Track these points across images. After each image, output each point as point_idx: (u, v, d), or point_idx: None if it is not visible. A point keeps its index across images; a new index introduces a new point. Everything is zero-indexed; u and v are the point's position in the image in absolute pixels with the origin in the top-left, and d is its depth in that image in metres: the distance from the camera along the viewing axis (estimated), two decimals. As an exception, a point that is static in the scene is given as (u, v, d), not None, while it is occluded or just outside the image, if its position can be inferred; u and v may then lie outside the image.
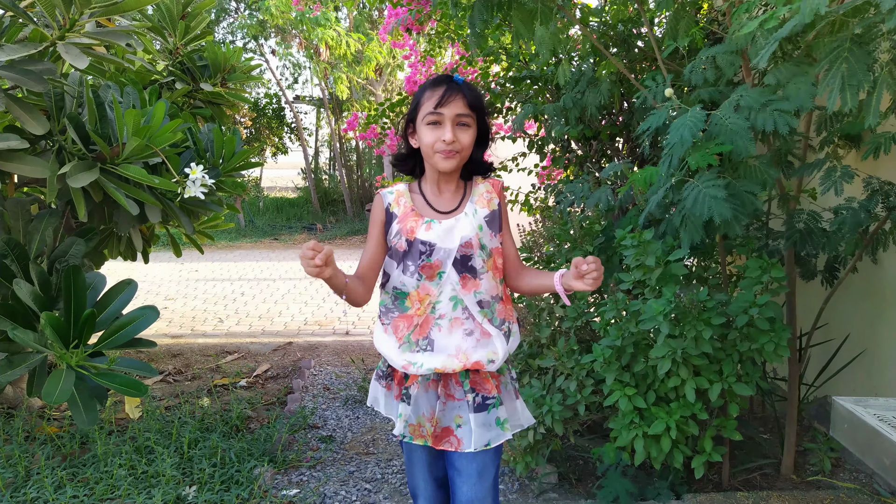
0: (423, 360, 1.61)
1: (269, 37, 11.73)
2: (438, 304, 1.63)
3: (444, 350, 1.62)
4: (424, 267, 1.61)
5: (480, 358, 1.62)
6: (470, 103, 1.59)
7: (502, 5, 2.29)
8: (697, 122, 1.77)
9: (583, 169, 3.55)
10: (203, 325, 5.54)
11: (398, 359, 1.65)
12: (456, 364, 1.61)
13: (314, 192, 12.98)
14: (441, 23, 4.30)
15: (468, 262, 1.63)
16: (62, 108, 2.39)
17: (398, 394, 1.70)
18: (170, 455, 2.78)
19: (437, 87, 1.58)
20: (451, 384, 1.67)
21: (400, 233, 1.64)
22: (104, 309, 2.38)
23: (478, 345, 1.63)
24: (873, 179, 2.11)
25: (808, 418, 3.08)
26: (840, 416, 1.54)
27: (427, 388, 1.67)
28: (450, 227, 1.63)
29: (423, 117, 1.60)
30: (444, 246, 1.62)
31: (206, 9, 3.32)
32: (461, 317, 1.63)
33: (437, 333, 1.63)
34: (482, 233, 1.65)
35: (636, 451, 2.19)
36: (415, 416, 1.66)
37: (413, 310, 1.65)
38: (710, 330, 2.03)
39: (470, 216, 1.65)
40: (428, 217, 1.65)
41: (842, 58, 1.31)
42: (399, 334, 1.66)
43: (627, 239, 2.17)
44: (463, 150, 1.60)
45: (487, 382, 1.66)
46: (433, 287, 1.63)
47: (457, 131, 1.58)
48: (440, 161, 1.60)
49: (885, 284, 2.68)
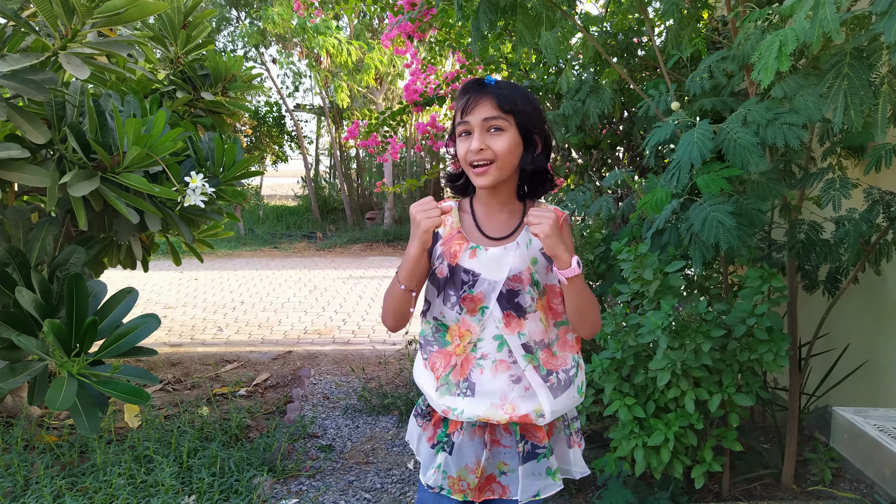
0: (464, 407, 1.44)
1: (270, 45, 11.79)
2: (481, 342, 1.45)
3: (488, 396, 1.43)
4: (466, 299, 1.43)
5: (529, 411, 1.43)
6: (500, 105, 1.37)
7: (506, 9, 2.29)
8: (706, 141, 1.73)
9: (583, 178, 3.56)
10: (202, 333, 5.53)
11: (437, 401, 1.47)
12: (501, 416, 1.42)
13: (314, 200, 13.01)
14: (441, 32, 4.32)
15: (515, 298, 1.43)
16: (63, 118, 2.40)
17: (431, 436, 1.54)
18: (169, 464, 2.77)
19: (462, 95, 1.41)
20: (497, 430, 1.50)
21: (442, 256, 1.45)
22: (105, 317, 2.38)
23: (526, 394, 1.44)
24: (874, 190, 2.12)
25: (808, 428, 3.08)
26: (840, 427, 1.54)
27: (473, 434, 1.49)
28: (498, 257, 1.43)
29: (455, 129, 1.44)
30: (489, 277, 1.42)
31: (208, 18, 3.34)
32: (507, 360, 1.44)
33: (479, 376, 1.44)
34: (535, 267, 1.44)
35: (636, 462, 2.18)
36: (456, 467, 1.47)
37: (453, 346, 1.48)
38: (709, 342, 2.03)
39: (523, 247, 1.44)
40: (475, 242, 1.45)
41: (843, 74, 1.30)
42: (437, 372, 1.48)
43: (624, 253, 2.17)
44: (498, 160, 1.38)
45: (539, 431, 1.49)
46: (474, 323, 1.44)
47: (486, 138, 1.38)
48: (475, 177, 1.41)
49: (886, 295, 2.67)
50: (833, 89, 1.31)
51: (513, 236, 1.47)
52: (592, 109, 2.76)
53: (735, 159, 1.73)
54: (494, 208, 1.49)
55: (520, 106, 1.40)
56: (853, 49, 1.31)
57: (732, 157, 1.74)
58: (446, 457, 1.48)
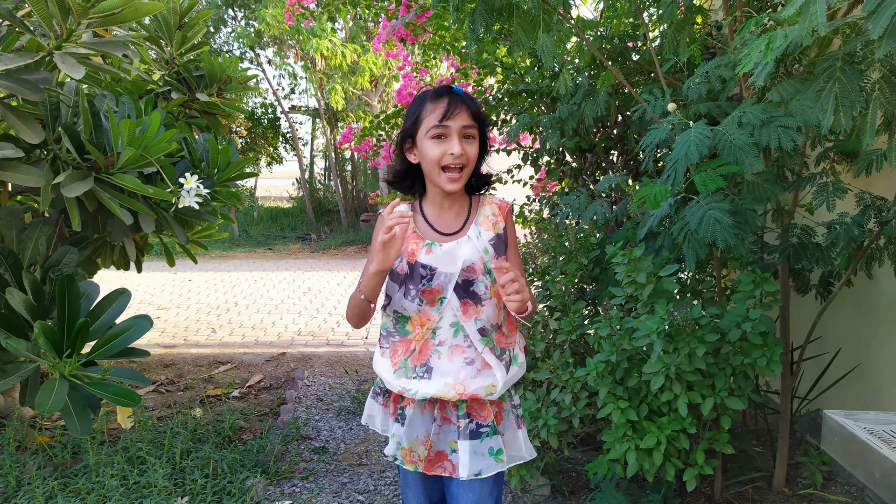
0: (419, 387, 1.55)
1: (266, 46, 11.78)
2: (439, 329, 1.56)
3: (442, 377, 1.54)
4: (425, 292, 1.54)
5: (478, 390, 1.54)
6: (474, 114, 1.52)
7: (503, 11, 2.29)
8: (703, 139, 1.75)
9: (577, 181, 3.57)
10: (196, 335, 5.52)
11: (394, 383, 1.58)
12: (452, 394, 1.53)
13: (309, 201, 12.99)
14: (435, 35, 4.32)
15: (470, 287, 1.55)
16: (57, 118, 2.39)
17: (393, 411, 1.64)
18: (162, 466, 2.77)
19: (440, 100, 1.50)
20: (447, 407, 1.59)
21: (401, 255, 1.56)
22: (98, 318, 2.37)
23: (478, 375, 1.55)
24: (866, 195, 2.13)
25: (800, 431, 3.09)
26: (831, 430, 1.55)
27: (423, 409, 1.59)
28: (451, 251, 1.55)
29: (426, 131, 1.51)
30: (444, 270, 1.54)
31: (203, 19, 3.34)
32: (462, 344, 1.55)
33: (437, 361, 1.55)
34: (487, 257, 1.56)
35: (629, 464, 2.19)
36: (407, 438, 1.58)
37: (413, 334, 1.58)
38: (703, 347, 2.03)
39: (473, 239, 1.57)
40: (429, 239, 1.57)
41: (834, 78, 1.32)
42: (395, 359, 1.59)
43: (618, 256, 2.17)
44: (469, 164, 1.53)
45: (485, 409, 1.58)
46: (433, 312, 1.55)
47: (463, 144, 1.50)
48: (446, 182, 1.51)
49: (878, 299, 2.69)
50: (824, 92, 1.33)
51: (462, 230, 1.60)
52: (588, 113, 2.77)
53: (730, 159, 1.75)
54: (445, 206, 1.61)
55: (483, 116, 1.57)
56: (845, 54, 1.32)
57: (727, 156, 1.76)
58: (399, 428, 1.59)
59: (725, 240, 1.74)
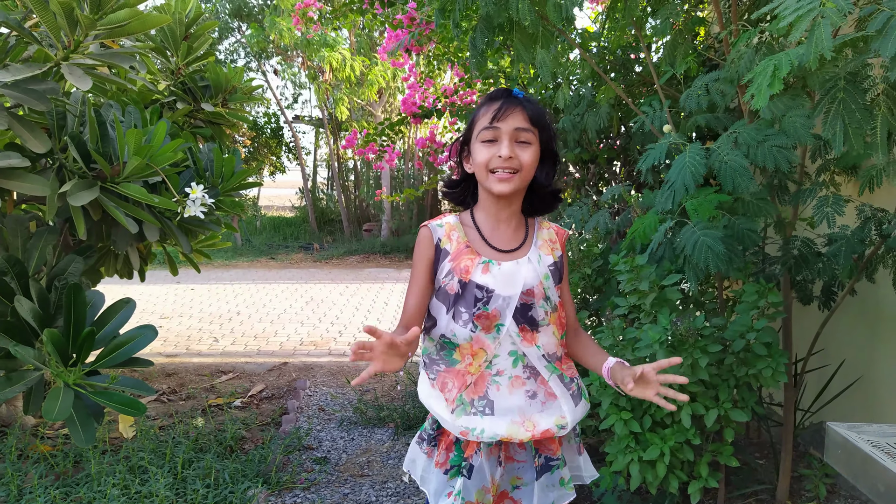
0: (485, 426, 1.39)
1: (272, 56, 11.84)
2: (496, 358, 1.42)
3: (507, 414, 1.40)
4: (480, 316, 1.39)
5: (550, 426, 1.42)
6: (531, 117, 1.39)
7: (503, 27, 2.32)
8: (698, 164, 1.76)
9: (580, 192, 3.58)
10: (198, 344, 5.52)
11: (453, 423, 1.42)
12: (523, 434, 1.40)
13: (311, 211, 13.02)
14: (440, 46, 4.35)
15: (528, 311, 1.41)
16: (63, 127, 2.41)
17: (443, 461, 1.48)
18: (163, 475, 2.76)
19: (494, 101, 1.40)
20: (512, 447, 1.47)
21: (452, 272, 1.41)
22: (103, 327, 2.38)
23: (543, 409, 1.43)
24: (866, 207, 2.14)
25: (803, 444, 3.08)
26: (834, 442, 1.55)
27: (489, 455, 1.45)
28: (511, 272, 1.41)
29: (477, 134, 1.40)
30: (503, 293, 1.39)
31: (209, 30, 3.36)
32: (522, 375, 1.42)
33: (496, 393, 1.41)
34: (547, 283, 1.44)
35: (632, 476, 2.18)
36: (474, 489, 1.43)
37: (464, 365, 1.43)
38: (706, 357, 2.03)
39: (534, 262, 1.44)
40: (486, 257, 1.42)
41: (838, 99, 1.31)
42: (448, 394, 1.43)
43: (621, 264, 2.18)
44: (523, 171, 1.39)
45: (553, 443, 1.48)
46: (489, 340, 1.41)
47: (515, 148, 1.37)
48: (495, 183, 1.38)
49: (880, 311, 2.69)
50: (830, 115, 1.32)
51: (522, 249, 1.46)
52: (590, 125, 2.78)
53: (726, 181, 1.76)
54: (501, 220, 1.47)
55: (546, 121, 1.43)
56: (847, 73, 1.32)
57: (723, 178, 1.77)
58: (464, 481, 1.43)
59: (717, 266, 1.76)
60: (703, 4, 2.74)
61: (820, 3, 1.20)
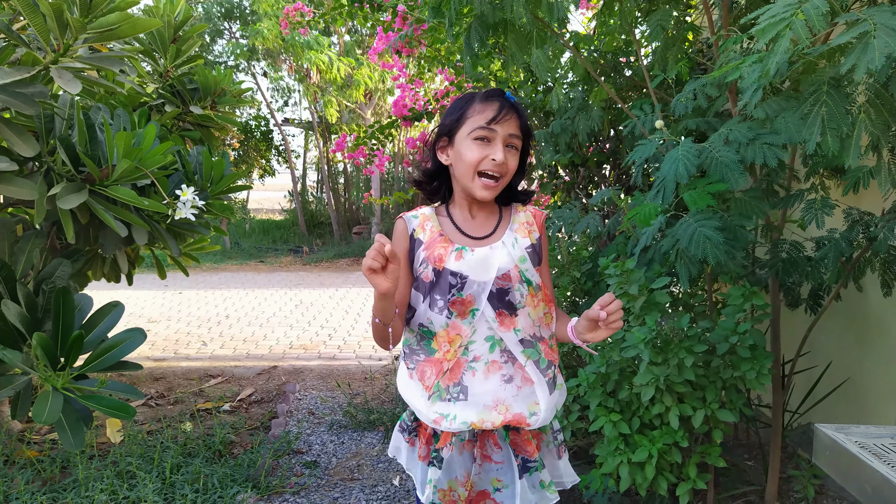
0: (457, 412, 1.41)
1: (261, 59, 11.81)
2: (472, 344, 1.43)
3: (480, 399, 1.41)
4: (455, 302, 1.40)
5: (521, 410, 1.42)
6: (521, 125, 1.43)
7: (498, 26, 2.32)
8: (691, 158, 1.77)
9: (570, 195, 3.59)
10: (186, 348, 5.49)
11: (427, 411, 1.44)
12: (495, 417, 1.41)
13: (301, 214, 12.98)
14: (431, 48, 4.36)
15: (505, 296, 1.42)
16: (52, 130, 2.40)
17: (425, 455, 1.51)
18: (151, 480, 2.75)
19: (490, 101, 1.41)
20: (488, 444, 1.48)
21: (426, 261, 1.42)
22: (91, 331, 2.36)
23: (518, 393, 1.43)
24: (853, 210, 2.16)
25: (791, 445, 3.10)
26: (822, 444, 1.56)
27: (462, 449, 1.47)
28: (484, 257, 1.42)
29: (469, 131, 1.40)
30: (477, 278, 1.41)
31: (198, 33, 3.35)
32: (499, 360, 1.43)
33: (471, 379, 1.42)
34: (524, 265, 1.44)
35: (621, 478, 2.19)
36: (446, 480, 1.45)
37: (441, 352, 1.44)
38: (692, 357, 2.05)
39: (509, 246, 1.45)
40: (459, 244, 1.44)
41: (821, 101, 1.34)
42: (427, 381, 1.44)
43: (611, 267, 2.19)
44: (506, 176, 1.43)
45: (529, 444, 1.48)
46: (465, 326, 1.42)
47: (506, 152, 1.40)
48: (479, 189, 1.41)
49: (868, 313, 2.72)
50: (811, 115, 1.35)
51: (496, 234, 1.48)
52: (582, 128, 2.80)
53: (717, 176, 1.77)
54: (475, 211, 1.50)
55: (530, 130, 1.47)
56: (831, 78, 1.34)
57: (714, 174, 1.78)
58: (436, 471, 1.45)
59: (717, 256, 1.76)
60: (691, 10, 2.76)
61: (792, 14, 1.21)
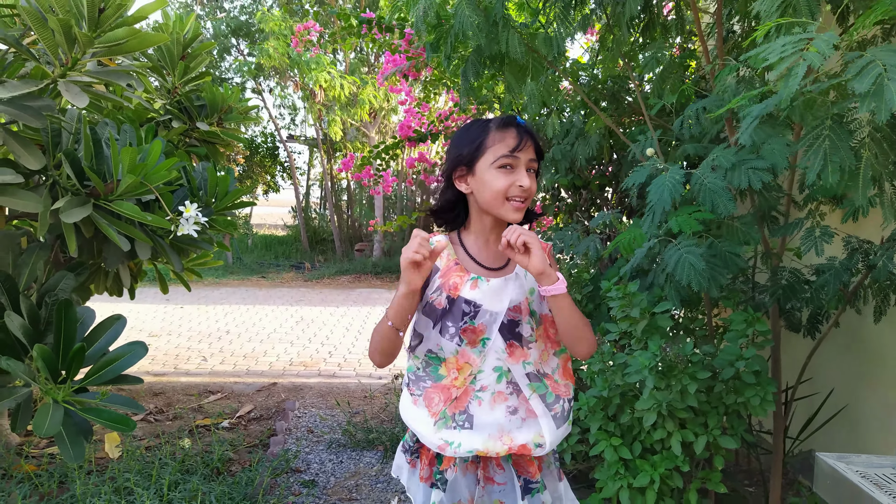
0: (462, 440, 1.43)
1: (268, 76, 11.92)
2: (481, 373, 1.45)
3: (485, 429, 1.44)
4: (466, 330, 1.43)
5: (527, 441, 1.45)
6: (537, 149, 1.47)
7: (494, 60, 2.36)
8: (677, 184, 1.81)
9: (572, 217, 3.60)
10: (186, 363, 5.48)
11: (432, 437, 1.45)
12: (500, 447, 1.43)
13: (304, 230, 13.02)
14: (437, 71, 4.40)
15: (515, 328, 1.45)
16: (58, 144, 2.42)
17: (427, 476, 1.53)
18: (149, 497, 2.73)
19: (508, 129, 1.44)
20: (490, 466, 1.51)
21: (441, 288, 1.45)
22: (93, 344, 2.37)
23: (523, 425, 1.46)
24: (853, 239, 2.16)
25: (792, 472, 3.08)
26: (823, 472, 1.55)
27: (465, 470, 1.50)
28: (498, 288, 1.45)
29: (493, 160, 1.42)
30: (490, 308, 1.43)
31: (207, 50, 3.39)
32: (505, 391, 1.45)
33: (477, 408, 1.44)
34: (532, 297, 1.48)
35: (622, 503, 2.18)
36: (450, 502, 1.49)
37: (449, 379, 1.46)
38: (695, 384, 2.04)
39: (521, 278, 1.48)
40: (474, 273, 1.47)
41: (823, 136, 1.35)
42: (433, 408, 1.46)
43: (613, 291, 2.19)
44: (531, 196, 1.46)
45: (531, 465, 1.51)
46: (475, 355, 1.44)
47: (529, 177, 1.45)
48: (511, 212, 1.43)
49: (868, 341, 2.71)
50: (812, 148, 1.35)
51: (509, 266, 1.50)
52: (580, 154, 2.82)
53: (705, 202, 1.80)
54: (491, 240, 1.51)
55: (542, 152, 1.51)
56: (834, 114, 1.35)
57: (702, 200, 1.81)
58: (439, 494, 1.48)
59: (700, 284, 1.78)
60: (693, 36, 2.79)
61: (802, 48, 1.23)
